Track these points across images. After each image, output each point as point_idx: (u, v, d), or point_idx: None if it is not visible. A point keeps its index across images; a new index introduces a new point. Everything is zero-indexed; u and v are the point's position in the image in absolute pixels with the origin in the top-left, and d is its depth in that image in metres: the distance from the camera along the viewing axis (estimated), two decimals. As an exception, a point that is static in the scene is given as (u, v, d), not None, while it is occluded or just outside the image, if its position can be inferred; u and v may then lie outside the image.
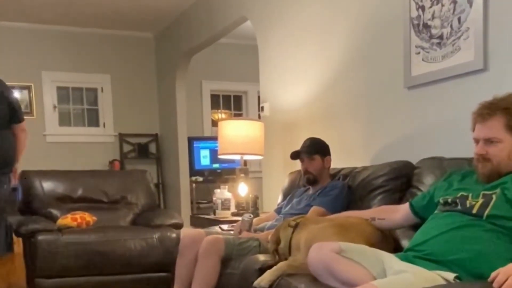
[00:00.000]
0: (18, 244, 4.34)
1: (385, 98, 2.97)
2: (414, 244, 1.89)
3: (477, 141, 1.87)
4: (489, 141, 1.82)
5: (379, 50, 2.99)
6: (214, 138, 4.71)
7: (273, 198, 3.76)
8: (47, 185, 4.30)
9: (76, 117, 6.74)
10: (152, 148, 6.90)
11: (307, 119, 3.71)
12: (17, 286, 4.22)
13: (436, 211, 1.96)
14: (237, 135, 3.75)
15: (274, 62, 4.12)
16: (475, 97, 2.33)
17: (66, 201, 4.31)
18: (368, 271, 1.78)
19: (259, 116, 4.40)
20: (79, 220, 4.02)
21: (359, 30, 3.14)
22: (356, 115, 3.23)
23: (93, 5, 5.65)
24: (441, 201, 1.95)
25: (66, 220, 3.98)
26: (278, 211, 3.20)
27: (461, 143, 2.41)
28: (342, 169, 3.05)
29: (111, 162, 6.57)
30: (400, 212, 2.25)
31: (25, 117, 4.25)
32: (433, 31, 2.54)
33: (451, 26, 2.43)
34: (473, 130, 1.91)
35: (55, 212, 4.20)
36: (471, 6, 2.33)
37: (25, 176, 4.30)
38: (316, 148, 2.96)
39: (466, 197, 1.85)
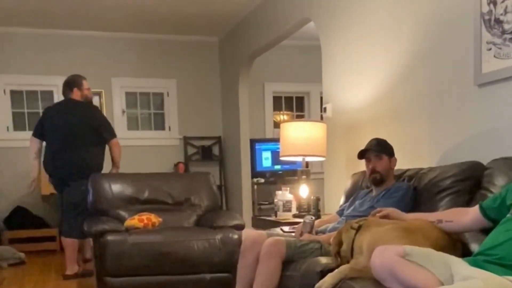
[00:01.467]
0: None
1: (454, 96, 2.86)
2: (485, 248, 1.79)
3: None
4: None
5: (447, 47, 2.88)
6: (276, 140, 4.72)
7: (335, 200, 3.70)
8: (116, 188, 4.44)
9: (144, 121, 6.96)
10: (216, 150, 7.00)
11: (370, 120, 3.63)
12: (87, 284, 4.41)
13: (508, 215, 1.85)
14: (299, 136, 3.72)
15: (337, 62, 4.06)
16: None
17: (133, 203, 4.43)
18: (434, 276, 1.71)
19: (321, 117, 4.35)
20: (145, 221, 4.13)
21: (426, 26, 3.04)
22: (422, 114, 3.13)
23: (158, 12, 5.81)
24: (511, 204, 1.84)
25: (133, 221, 4.10)
26: (340, 213, 3.14)
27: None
28: (408, 170, 2.96)
29: (176, 165, 6.72)
30: (470, 215, 2.15)
31: None
32: (506, 26, 2.41)
33: (525, 20, 2.31)
34: None
35: (123, 213, 4.33)
36: (546, -2, 2.20)
37: (95, 179, 4.46)
38: (383, 148, 2.89)
39: None
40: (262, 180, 6.44)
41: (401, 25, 3.25)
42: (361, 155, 2.95)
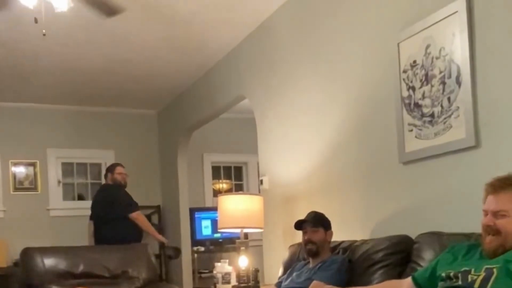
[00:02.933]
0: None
1: (381, 173, 3.03)
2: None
3: (486, 213, 1.89)
4: (497, 213, 1.84)
5: (373, 127, 3.08)
6: (215, 209, 4.75)
7: (274, 270, 3.75)
8: (49, 262, 4.29)
9: (80, 191, 6.80)
10: (155, 219, 6.91)
11: (306, 192, 3.76)
12: None
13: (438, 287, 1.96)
14: (236, 209, 3.78)
15: (272, 137, 4.22)
16: (469, 173, 2.42)
17: (67, 277, 4.28)
18: None
19: (260, 183, 4.48)
20: (80, 297, 3.99)
21: (355, 106, 3.25)
22: (353, 189, 3.28)
23: (97, 85, 5.88)
24: (443, 275, 1.94)
25: (67, 297, 3.95)
26: (279, 285, 3.18)
27: (457, 218, 2.47)
28: (342, 242, 3.07)
29: (114, 234, 6.56)
30: (404, 287, 2.25)
31: (29, 193, 4.67)
32: (424, 110, 2.64)
33: (442, 105, 2.53)
34: (484, 202, 1.92)
35: (56, 289, 4.17)
36: (459, 86, 2.43)
37: (27, 252, 4.30)
38: (320, 220, 3.00)
39: (469, 272, 1.84)
40: (202, 249, 6.41)
41: (332, 104, 3.46)
42: (298, 225, 3.05)
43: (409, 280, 2.21)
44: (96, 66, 5.23)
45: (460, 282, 1.84)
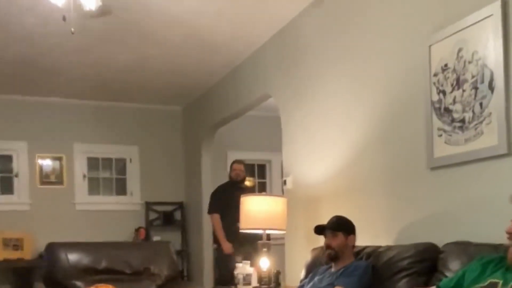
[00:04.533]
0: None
1: (408, 178, 2.97)
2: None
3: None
4: None
5: (401, 130, 3.02)
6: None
7: (296, 272, 3.71)
8: (72, 257, 4.33)
9: (105, 186, 6.88)
10: (177, 215, 6.95)
11: (330, 194, 3.71)
12: None
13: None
14: (259, 210, 3.75)
15: (296, 137, 4.18)
16: (499, 181, 2.35)
17: (91, 273, 4.32)
18: None
19: (283, 183, 4.45)
20: (102, 293, 4.02)
21: (381, 110, 3.19)
22: (379, 193, 3.22)
23: (123, 81, 5.91)
24: (470, 289, 1.91)
25: (90, 292, 3.98)
26: (301, 288, 3.16)
27: (485, 228, 2.39)
28: (366, 247, 3.01)
29: (137, 230, 6.62)
30: (428, 296, 2.20)
31: (55, 186, 4.68)
32: (455, 115, 2.56)
33: (473, 111, 2.46)
34: None
35: (79, 283, 4.20)
36: (492, 92, 2.36)
37: (51, 247, 4.35)
38: (340, 225, 2.94)
39: (495, 285, 1.80)
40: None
41: (359, 106, 3.40)
42: (317, 230, 3.01)
43: None
44: (122, 63, 5.26)
45: None
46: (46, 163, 6.48)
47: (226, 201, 5.31)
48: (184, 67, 5.43)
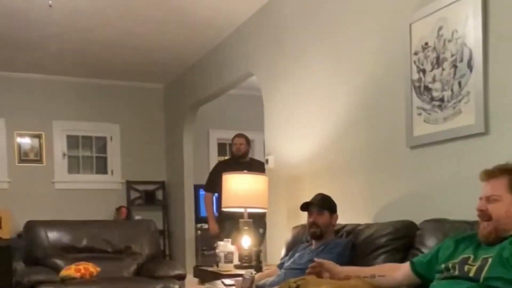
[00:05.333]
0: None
1: (388, 156, 2.99)
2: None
3: (481, 199, 1.91)
4: (489, 198, 1.86)
5: (381, 109, 3.03)
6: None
7: (277, 251, 3.74)
8: (52, 235, 4.33)
9: (85, 164, 6.82)
10: (159, 195, 6.93)
11: (311, 173, 3.72)
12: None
13: (435, 280, 1.95)
14: (241, 188, 3.76)
15: (279, 116, 4.18)
16: (476, 160, 2.37)
17: (71, 251, 4.32)
18: None
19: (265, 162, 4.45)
20: (82, 271, 4.03)
21: (361, 89, 3.19)
22: (359, 172, 3.25)
23: (103, 58, 5.83)
24: (442, 267, 1.94)
25: (70, 271, 3.99)
26: (281, 266, 3.18)
27: (462, 205, 2.42)
28: (346, 225, 3.04)
29: (118, 209, 6.60)
30: (401, 271, 2.23)
31: (34, 164, 4.52)
32: (434, 94, 2.58)
33: (452, 90, 2.47)
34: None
35: (59, 262, 4.21)
36: (471, 70, 2.37)
37: (30, 225, 4.32)
38: (326, 203, 2.97)
39: (467, 260, 1.85)
40: (206, 226, 6.40)
41: (340, 85, 3.40)
42: (304, 207, 3.02)
43: (407, 264, 2.21)
44: (103, 38, 5.18)
45: (457, 273, 1.85)
46: (25, 140, 6.39)
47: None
48: (166, 44, 5.37)
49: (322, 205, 2.95)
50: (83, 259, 4.18)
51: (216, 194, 5.17)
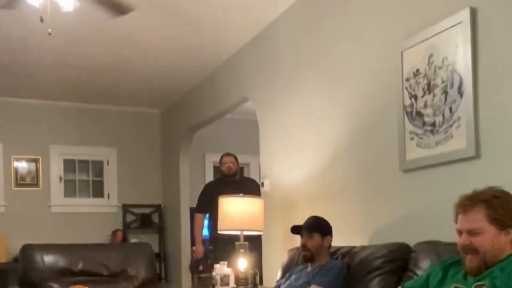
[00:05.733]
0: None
1: (382, 180, 3.04)
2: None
3: (460, 232, 1.90)
4: (471, 232, 1.84)
5: (375, 134, 3.09)
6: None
7: (273, 273, 3.76)
8: (48, 259, 4.30)
9: (82, 188, 6.84)
10: (155, 218, 6.94)
11: (306, 196, 3.77)
12: None
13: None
14: (237, 211, 3.79)
15: (274, 140, 4.23)
16: (468, 183, 2.39)
17: (67, 275, 4.30)
18: None
19: (261, 185, 4.48)
20: (78, 295, 4.00)
21: (355, 114, 3.26)
22: (354, 195, 3.29)
23: (101, 83, 5.90)
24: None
25: (66, 294, 3.97)
26: (278, 288, 3.20)
27: (454, 228, 2.46)
28: (341, 247, 3.07)
29: (114, 232, 6.59)
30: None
31: (30, 188, 4.53)
32: (426, 119, 2.64)
33: (443, 115, 2.54)
34: (456, 221, 1.94)
35: (55, 286, 4.18)
36: (461, 96, 2.44)
37: (26, 249, 4.32)
38: (316, 226, 3.00)
39: None
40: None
41: (334, 110, 3.47)
42: (294, 230, 3.06)
43: None
44: (100, 64, 5.25)
45: None
46: (22, 165, 6.42)
47: (215, 199, 4.89)
48: (162, 70, 5.45)
49: (312, 228, 2.98)
50: (79, 283, 4.16)
51: (207, 215, 5.17)
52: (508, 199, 1.86)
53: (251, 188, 4.58)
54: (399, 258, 2.63)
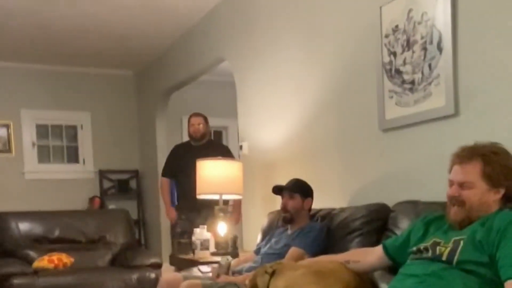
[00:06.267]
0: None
1: (361, 140, 3.01)
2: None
3: (451, 183, 1.89)
4: (463, 184, 1.84)
5: (354, 93, 3.04)
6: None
7: (253, 237, 3.74)
8: (24, 226, 4.25)
9: (56, 154, 6.70)
10: (133, 184, 6.87)
11: (285, 158, 3.73)
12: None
13: (408, 259, 1.97)
14: (215, 175, 3.75)
15: (252, 102, 4.16)
16: (447, 142, 2.40)
17: (43, 242, 4.26)
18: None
19: (239, 148, 4.43)
20: (56, 262, 3.97)
21: (334, 73, 3.19)
22: (333, 156, 3.26)
23: (73, 44, 5.70)
24: (414, 249, 1.96)
25: (43, 262, 3.93)
26: (257, 251, 3.19)
27: (434, 187, 2.45)
28: (321, 209, 3.06)
29: (91, 199, 6.52)
30: (375, 254, 2.25)
31: (2, 155, 4.35)
32: (405, 77, 2.59)
33: (422, 72, 2.49)
34: (450, 171, 1.92)
35: (31, 253, 4.14)
36: (441, 53, 2.39)
37: (0, 217, 4.24)
38: (298, 187, 2.97)
39: (438, 243, 1.85)
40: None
41: (312, 69, 3.40)
42: (276, 190, 3.03)
43: (380, 248, 2.22)
44: (71, 25, 5.07)
45: (429, 254, 1.86)
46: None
47: (181, 163, 4.73)
48: (136, 30, 5.28)
49: (294, 188, 2.96)
50: (56, 250, 4.13)
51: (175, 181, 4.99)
52: (507, 157, 1.85)
53: (218, 152, 4.30)
54: (378, 219, 2.62)
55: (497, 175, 1.81)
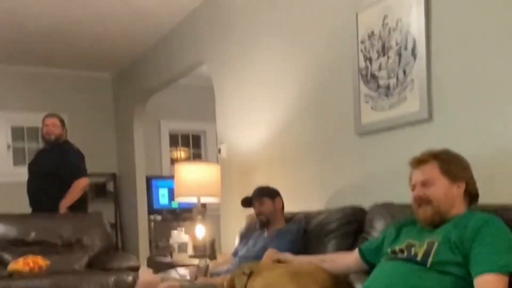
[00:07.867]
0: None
1: (337, 144, 3.05)
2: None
3: (414, 187, 1.96)
4: (425, 182, 1.91)
5: (330, 97, 3.08)
6: (172, 177, 4.72)
7: (232, 240, 3.76)
8: (-1, 228, 4.19)
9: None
10: (110, 187, 6.81)
11: (263, 162, 3.76)
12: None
13: (383, 259, 2.01)
14: (193, 178, 3.76)
15: (230, 105, 4.18)
16: (421, 146, 2.42)
17: (18, 245, 4.20)
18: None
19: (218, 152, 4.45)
20: (31, 265, 3.92)
21: (311, 78, 3.23)
22: (310, 160, 3.30)
23: (49, 45, 5.64)
24: (388, 251, 2.00)
25: (18, 264, 3.87)
26: (235, 254, 3.21)
27: (409, 189, 2.50)
28: (298, 213, 3.09)
29: (68, 202, 6.43)
30: (351, 257, 2.30)
31: None
32: (380, 82, 2.65)
33: (397, 77, 2.55)
34: (410, 179, 2.00)
35: (6, 256, 4.08)
36: (415, 59, 2.45)
37: (-25, 219, 4.18)
38: (264, 192, 3.04)
39: (413, 245, 1.89)
40: (159, 218, 6.37)
41: (289, 73, 3.44)
42: (245, 203, 3.09)
43: (356, 252, 2.27)
44: (48, 25, 5.02)
45: (404, 255, 1.90)
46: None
47: (30, 166, 4.89)
48: (114, 32, 5.26)
49: (260, 194, 3.03)
50: (31, 253, 4.07)
51: None
52: (458, 156, 1.95)
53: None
54: (354, 221, 2.67)
55: (455, 169, 1.90)
